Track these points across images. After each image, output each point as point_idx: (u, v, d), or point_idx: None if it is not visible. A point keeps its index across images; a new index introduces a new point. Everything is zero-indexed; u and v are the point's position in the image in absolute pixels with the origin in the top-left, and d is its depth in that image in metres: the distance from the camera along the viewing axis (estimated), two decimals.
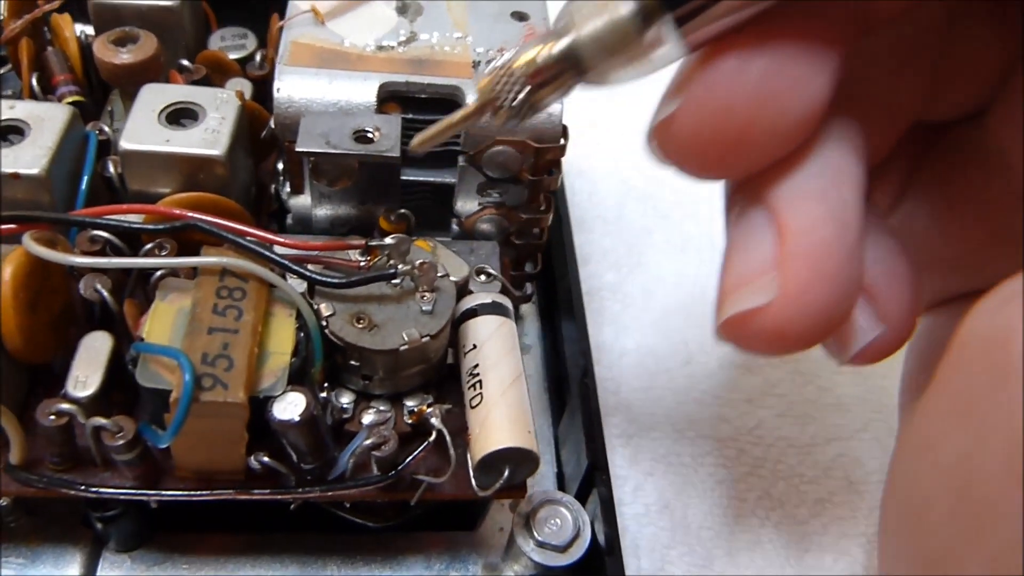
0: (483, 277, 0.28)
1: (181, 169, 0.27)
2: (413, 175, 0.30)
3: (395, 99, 0.29)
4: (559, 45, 0.19)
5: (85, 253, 0.24)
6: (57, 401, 0.23)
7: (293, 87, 0.27)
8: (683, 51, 0.19)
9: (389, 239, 0.25)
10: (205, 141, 0.27)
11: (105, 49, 0.30)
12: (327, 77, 0.28)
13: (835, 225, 0.20)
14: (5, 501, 0.25)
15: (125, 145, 0.26)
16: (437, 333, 0.24)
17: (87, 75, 0.32)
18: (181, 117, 0.27)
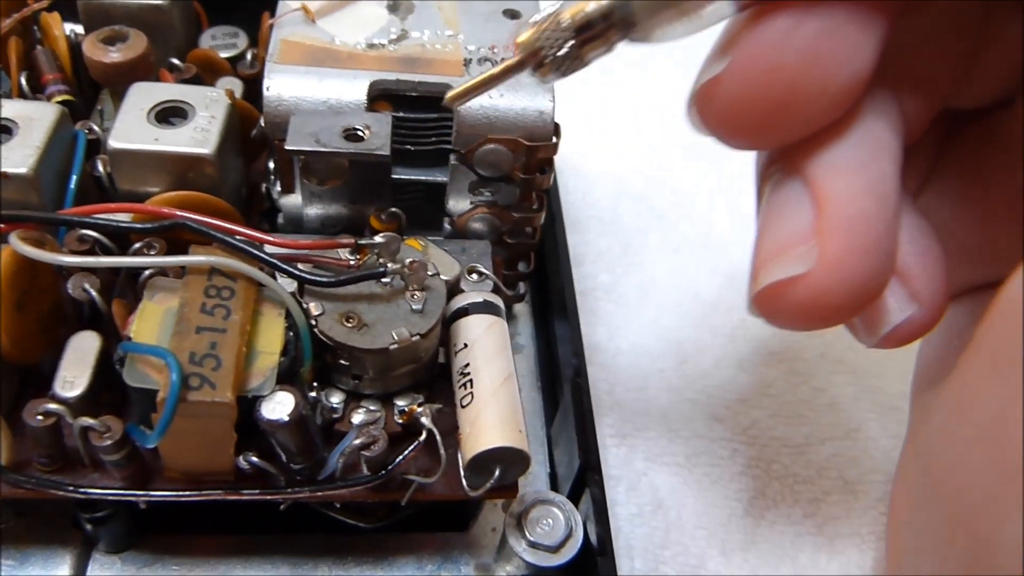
0: (475, 276, 0.28)
1: (170, 168, 0.26)
2: (404, 174, 0.30)
3: (386, 98, 0.29)
4: None
5: (73, 253, 0.24)
6: (45, 401, 0.22)
7: (283, 85, 0.27)
8: (734, 8, 0.19)
9: (379, 237, 0.24)
10: (194, 140, 0.26)
11: (95, 48, 0.30)
12: (317, 75, 0.28)
13: (874, 198, 0.20)
14: None
15: (114, 144, 0.26)
16: (427, 332, 0.24)
17: (77, 75, 0.32)
18: (170, 116, 0.27)
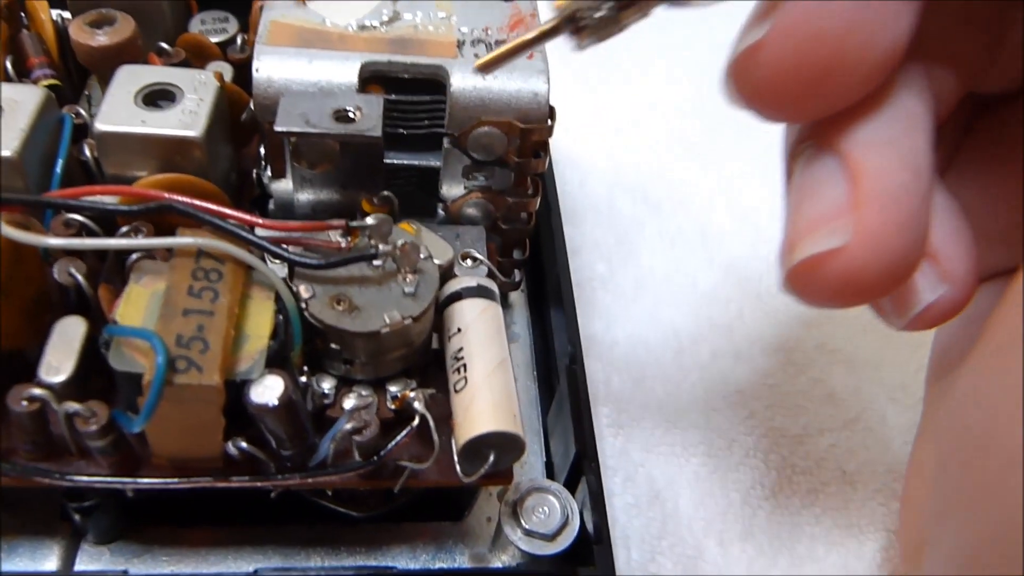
0: (469, 262, 0.28)
1: (157, 152, 0.26)
2: (397, 158, 0.29)
3: (378, 80, 0.28)
4: None
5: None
6: (29, 387, 0.22)
7: (273, 67, 0.27)
8: None
9: (370, 219, 0.24)
10: (182, 123, 0.26)
11: (81, 31, 0.29)
12: (307, 57, 0.27)
13: (910, 172, 0.19)
14: None
15: (100, 127, 0.25)
16: (420, 315, 0.24)
17: (64, 61, 0.31)
18: (158, 99, 0.27)
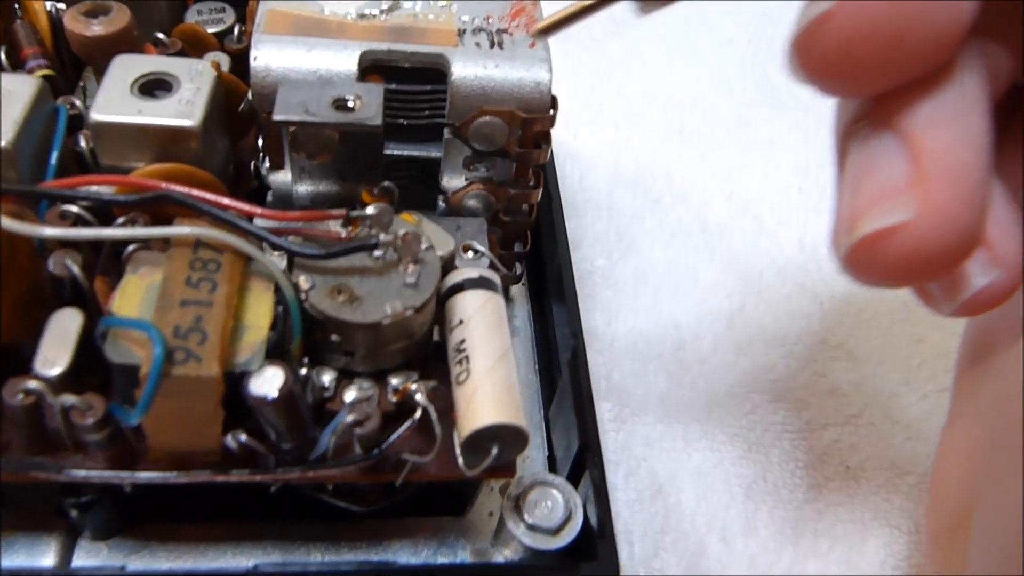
0: (470, 254, 0.28)
1: (153, 142, 0.26)
2: (397, 149, 0.29)
3: (377, 70, 0.28)
4: None
5: None
6: (25, 379, 0.22)
7: (271, 56, 0.27)
8: None
9: (371, 209, 0.24)
10: (179, 112, 0.26)
11: (76, 21, 0.29)
12: (306, 46, 0.27)
13: (970, 149, 0.19)
14: None
15: (95, 116, 0.25)
16: (421, 306, 0.23)
17: (59, 52, 0.31)
18: (154, 88, 0.26)
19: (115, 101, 0.25)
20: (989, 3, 0.20)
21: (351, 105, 0.25)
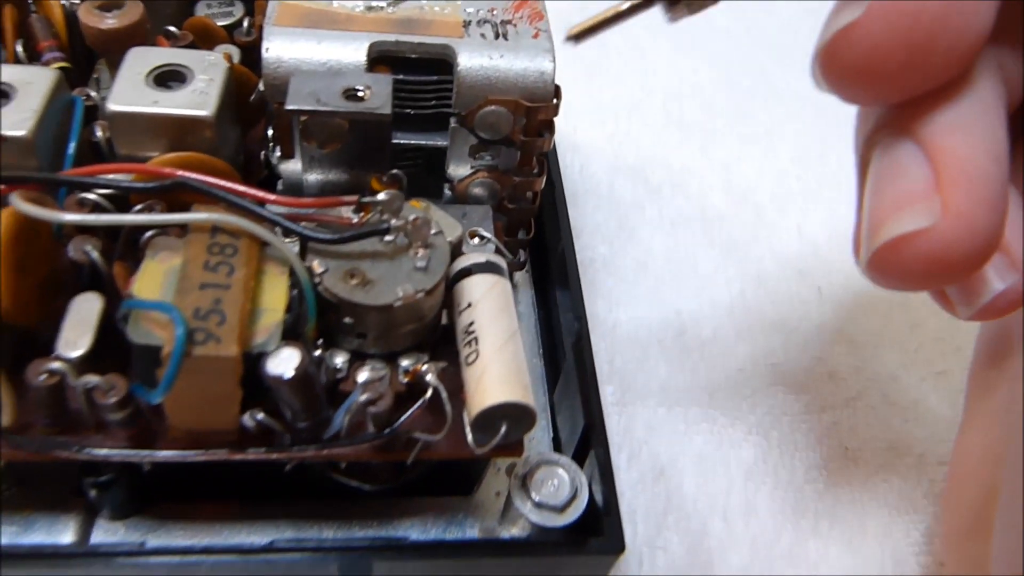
0: (476, 240, 0.28)
1: (169, 131, 0.26)
2: (404, 139, 0.30)
3: (384, 61, 0.28)
4: None
5: None
6: (48, 361, 0.22)
7: (282, 47, 0.27)
8: None
9: (382, 195, 0.24)
10: (193, 102, 0.26)
11: (90, 15, 0.29)
12: (316, 37, 0.28)
13: (990, 156, 0.20)
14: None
15: (112, 107, 0.26)
16: (431, 289, 0.24)
17: (72, 45, 0.32)
18: (169, 80, 0.27)
19: (131, 92, 0.26)
20: (1002, 11, 0.20)
21: (361, 95, 0.26)
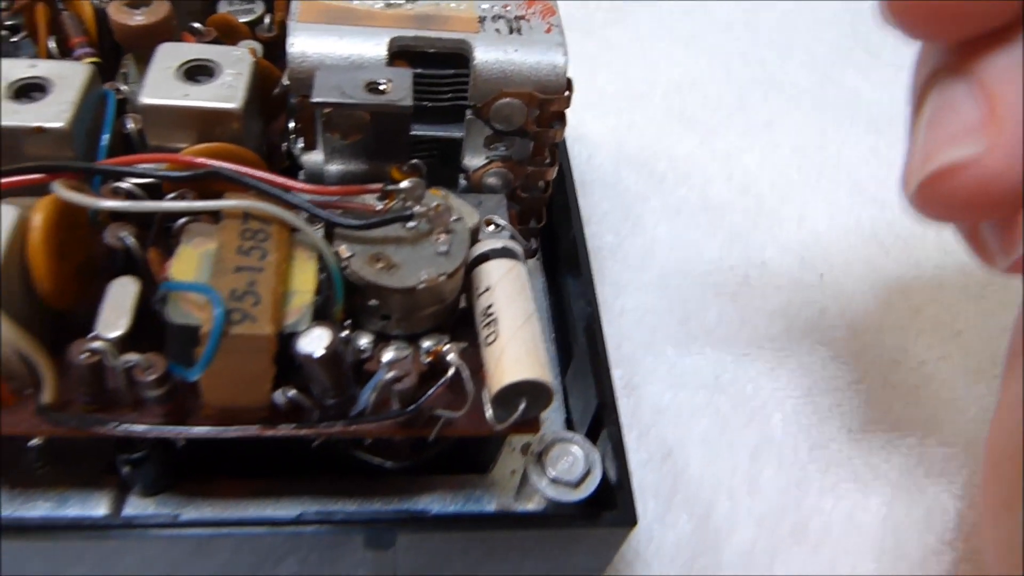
0: (491, 228, 0.29)
1: (198, 123, 0.27)
2: (421, 130, 0.31)
3: (403, 56, 0.30)
4: None
5: None
6: (89, 341, 0.23)
7: (306, 43, 0.28)
8: None
9: (405, 183, 0.25)
10: (222, 95, 0.27)
11: (119, 12, 0.31)
12: (338, 33, 0.29)
13: None
14: (38, 441, 0.26)
15: (145, 100, 0.27)
16: (453, 272, 0.25)
17: (100, 41, 0.33)
18: (198, 74, 0.28)
19: (163, 85, 0.27)
20: None
21: (383, 88, 0.27)
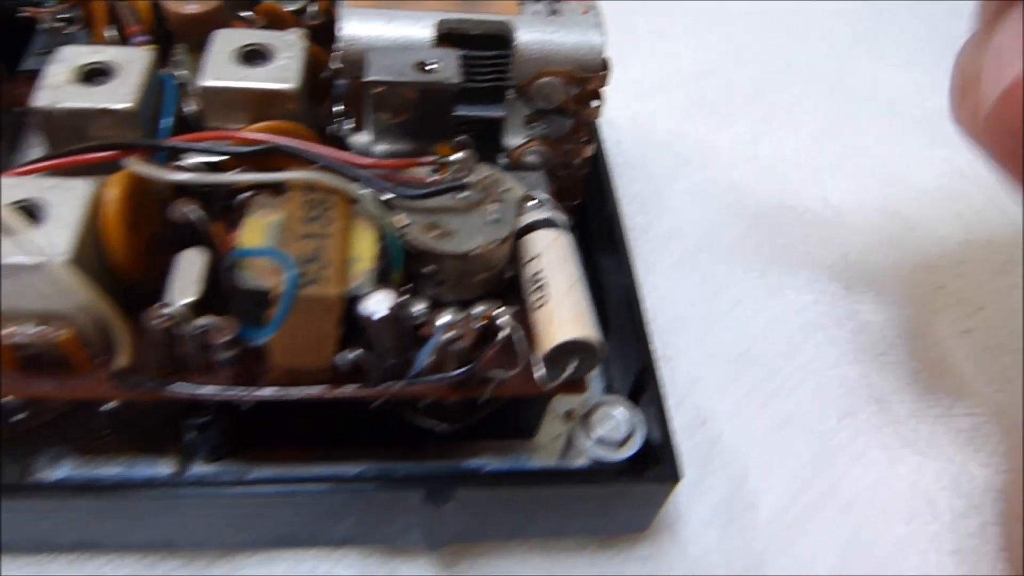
0: (533, 203, 0.31)
1: (256, 104, 0.29)
2: (464, 110, 0.32)
3: (447, 39, 0.31)
4: None
5: None
6: (164, 307, 0.25)
7: (357, 26, 0.30)
8: None
9: (457, 155, 0.27)
10: (278, 77, 0.29)
11: (174, 2, 0.32)
12: (386, 17, 0.30)
13: None
14: (112, 406, 0.27)
15: (206, 82, 0.28)
16: (504, 238, 0.27)
17: (153, 28, 0.34)
18: (254, 57, 0.29)
19: (221, 68, 0.29)
20: None
21: (431, 67, 0.28)
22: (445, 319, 0.26)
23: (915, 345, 0.41)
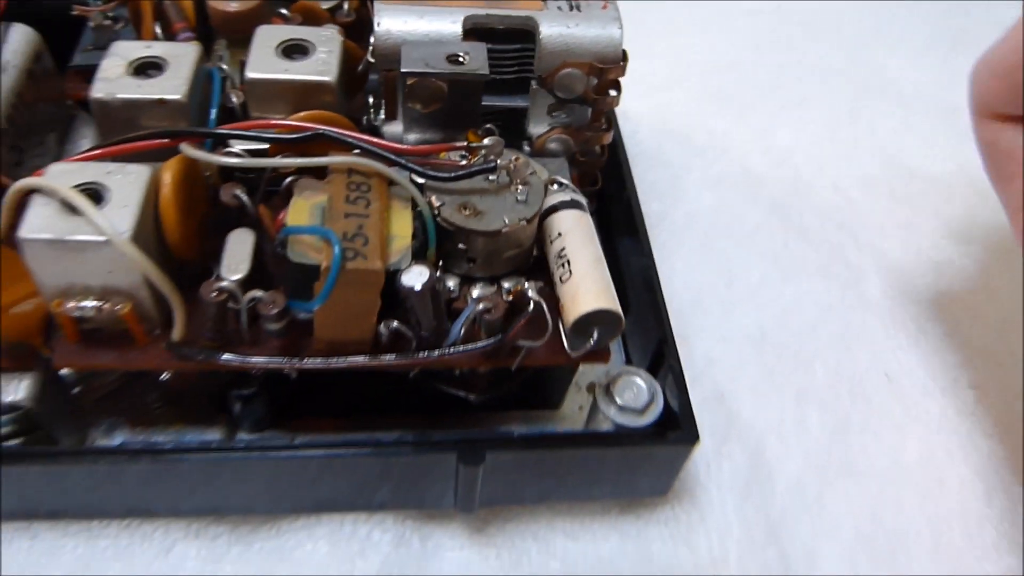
0: (556, 187, 0.32)
1: (297, 95, 0.31)
2: (490, 101, 0.34)
3: (474, 33, 0.33)
4: None
5: None
6: (218, 281, 0.27)
7: (391, 22, 0.32)
8: None
9: (487, 140, 0.29)
10: (317, 70, 0.31)
11: (217, 0, 0.34)
12: (418, 13, 0.32)
13: None
14: (167, 376, 0.29)
15: (251, 75, 0.30)
16: (531, 218, 0.28)
17: (196, 27, 0.36)
18: (294, 52, 0.31)
19: (264, 62, 0.31)
20: None
21: (462, 60, 0.30)
22: (477, 292, 0.28)
23: (923, 324, 0.43)
